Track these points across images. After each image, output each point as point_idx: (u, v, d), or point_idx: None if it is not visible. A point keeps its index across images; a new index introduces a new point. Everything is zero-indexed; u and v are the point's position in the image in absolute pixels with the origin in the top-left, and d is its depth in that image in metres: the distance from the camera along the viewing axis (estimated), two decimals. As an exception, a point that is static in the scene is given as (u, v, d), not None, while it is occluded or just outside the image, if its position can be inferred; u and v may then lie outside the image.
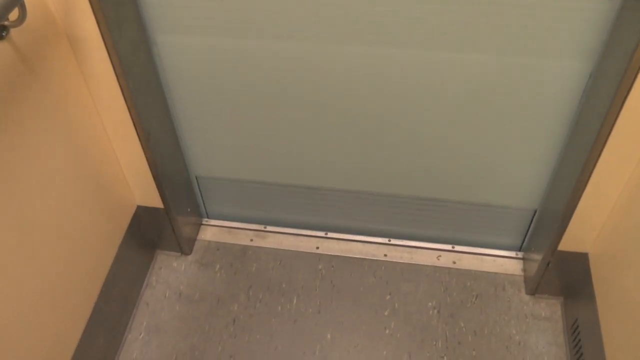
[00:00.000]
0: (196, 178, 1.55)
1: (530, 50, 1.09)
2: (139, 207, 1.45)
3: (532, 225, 1.46)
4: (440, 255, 1.57)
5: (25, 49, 0.96)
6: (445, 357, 1.38)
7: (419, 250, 1.58)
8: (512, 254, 1.56)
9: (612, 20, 1.01)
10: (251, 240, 1.62)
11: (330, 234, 1.62)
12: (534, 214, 1.44)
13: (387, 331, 1.42)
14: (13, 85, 0.94)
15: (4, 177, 0.94)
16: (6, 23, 0.88)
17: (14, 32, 0.92)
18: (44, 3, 0.99)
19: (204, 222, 1.67)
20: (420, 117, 1.26)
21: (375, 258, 1.57)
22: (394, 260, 1.56)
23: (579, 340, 1.31)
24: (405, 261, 1.56)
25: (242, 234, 1.64)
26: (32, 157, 1.01)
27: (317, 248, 1.60)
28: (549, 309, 1.45)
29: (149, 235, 1.53)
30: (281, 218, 1.63)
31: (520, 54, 1.10)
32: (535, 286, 1.45)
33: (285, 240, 1.62)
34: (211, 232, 1.65)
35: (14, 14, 0.87)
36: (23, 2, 0.87)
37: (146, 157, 1.30)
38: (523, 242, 1.54)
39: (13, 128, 0.95)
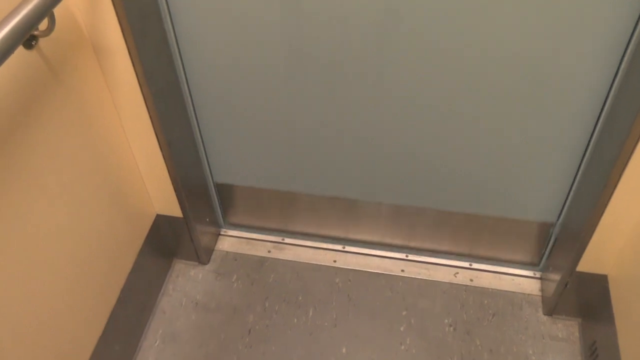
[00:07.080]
0: (216, 188, 1.56)
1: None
2: (158, 216, 1.46)
3: (551, 244, 1.45)
4: (457, 273, 1.56)
5: (53, 58, 0.98)
6: (460, 375, 1.37)
7: (437, 266, 1.57)
8: (530, 273, 1.54)
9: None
10: (269, 251, 1.63)
11: (347, 248, 1.62)
12: (552, 233, 1.43)
13: (402, 347, 1.42)
14: (40, 93, 0.96)
15: (26, 182, 0.95)
16: (36, 33, 0.91)
17: (42, 42, 0.94)
18: (72, 13, 1.02)
19: (222, 233, 1.68)
20: (444, 128, 1.26)
21: (392, 273, 1.56)
22: (411, 276, 1.55)
23: (597, 362, 1.30)
24: (423, 277, 1.55)
25: (260, 245, 1.65)
26: (54, 163, 1.02)
27: (335, 261, 1.60)
28: (567, 330, 1.43)
29: (168, 243, 1.55)
30: (299, 230, 1.63)
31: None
32: (553, 306, 1.43)
33: (302, 252, 1.62)
34: (229, 242, 1.66)
35: (43, 24, 0.89)
36: (52, 12, 0.89)
37: (167, 166, 1.31)
38: (541, 261, 1.52)
39: (37, 134, 0.97)
